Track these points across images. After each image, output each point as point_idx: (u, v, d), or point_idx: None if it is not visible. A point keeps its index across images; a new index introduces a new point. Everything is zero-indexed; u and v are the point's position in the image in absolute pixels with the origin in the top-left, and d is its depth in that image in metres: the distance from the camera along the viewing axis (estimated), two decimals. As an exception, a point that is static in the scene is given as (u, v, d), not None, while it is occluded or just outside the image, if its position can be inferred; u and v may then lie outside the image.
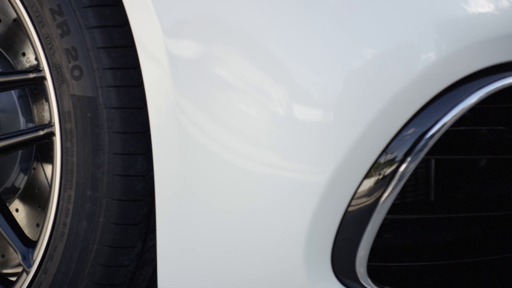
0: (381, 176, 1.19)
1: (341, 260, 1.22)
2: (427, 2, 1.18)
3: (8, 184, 1.65)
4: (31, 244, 1.45)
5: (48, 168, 1.63)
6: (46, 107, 1.61)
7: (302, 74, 1.19)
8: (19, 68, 1.62)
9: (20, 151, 1.62)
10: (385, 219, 1.21)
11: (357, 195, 1.19)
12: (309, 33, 1.19)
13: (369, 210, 1.19)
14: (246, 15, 1.21)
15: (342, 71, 1.18)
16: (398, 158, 1.19)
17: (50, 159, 1.62)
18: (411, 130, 1.19)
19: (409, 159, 1.19)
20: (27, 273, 1.43)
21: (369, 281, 1.24)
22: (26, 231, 1.59)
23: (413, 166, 1.19)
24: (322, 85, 1.19)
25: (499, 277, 1.37)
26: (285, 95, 1.20)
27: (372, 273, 1.25)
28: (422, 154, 1.19)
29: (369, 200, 1.19)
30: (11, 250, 1.69)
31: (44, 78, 1.37)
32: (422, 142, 1.19)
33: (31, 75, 1.40)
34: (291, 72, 1.20)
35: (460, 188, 1.41)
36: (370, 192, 1.19)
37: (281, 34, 1.20)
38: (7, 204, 1.64)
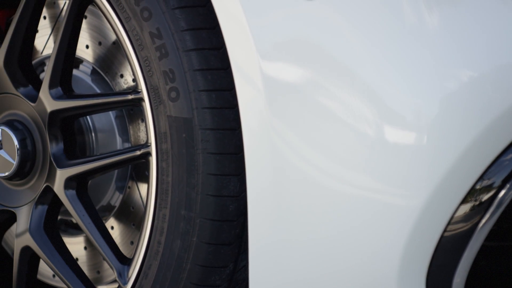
0: (477, 202, 1.17)
1: (436, 287, 1.20)
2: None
3: (104, 202, 1.69)
4: (126, 261, 1.48)
5: (142, 187, 1.66)
6: (142, 128, 1.64)
7: (395, 97, 1.19)
8: (117, 89, 1.66)
9: (116, 170, 1.66)
10: (481, 246, 1.18)
11: (453, 221, 1.17)
12: (404, 56, 1.19)
13: (466, 236, 1.17)
14: (341, 39, 1.21)
15: (438, 94, 1.17)
16: (496, 184, 1.17)
17: (144, 178, 1.65)
18: (510, 156, 1.16)
19: (508, 185, 1.16)
20: (122, 289, 1.47)
21: (465, 308, 1.22)
22: (121, 249, 1.62)
23: (512, 192, 1.17)
24: (415, 108, 1.18)
25: None
26: (377, 117, 1.19)
27: (467, 301, 1.22)
28: (522, 180, 1.16)
29: (466, 226, 1.17)
30: (106, 266, 1.73)
31: (142, 99, 1.41)
32: (522, 168, 1.16)
33: (130, 97, 1.43)
34: (383, 95, 1.19)
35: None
36: (467, 217, 1.17)
37: (375, 57, 1.20)
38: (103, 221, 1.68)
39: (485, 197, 1.17)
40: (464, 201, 1.17)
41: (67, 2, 1.68)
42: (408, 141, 1.18)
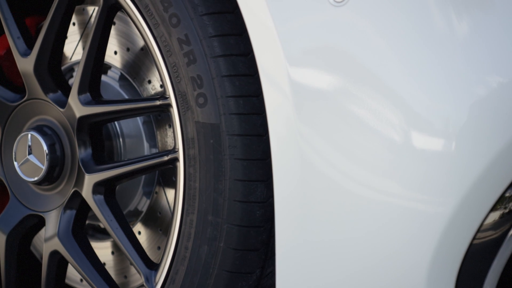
0: (507, 210, 1.16)
1: (465, 294, 1.19)
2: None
3: (131, 207, 1.70)
4: (153, 267, 1.49)
5: (169, 192, 1.67)
6: (169, 133, 1.65)
7: (423, 103, 1.18)
8: (145, 95, 1.67)
9: (143, 175, 1.66)
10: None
11: (482, 228, 1.16)
12: (433, 62, 1.18)
13: (496, 244, 1.16)
14: (369, 45, 1.21)
15: (467, 101, 1.16)
16: (526, 191, 1.16)
17: (172, 184, 1.66)
18: (540, 163, 1.15)
19: (538, 192, 1.15)
20: (149, 294, 1.47)
21: (494, 317, 1.21)
22: (148, 254, 1.63)
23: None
24: (444, 115, 1.17)
25: None
26: (405, 124, 1.19)
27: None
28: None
29: (495, 234, 1.16)
30: (133, 271, 1.74)
31: (170, 105, 1.41)
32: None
33: (158, 102, 1.44)
34: (411, 101, 1.19)
35: None
36: (497, 225, 1.16)
37: (404, 64, 1.19)
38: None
39: (515, 204, 1.16)
40: (493, 208, 1.16)
41: (97, 8, 1.69)
42: (436, 147, 1.18)
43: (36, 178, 1.60)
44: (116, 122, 1.66)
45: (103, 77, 1.70)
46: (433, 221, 1.16)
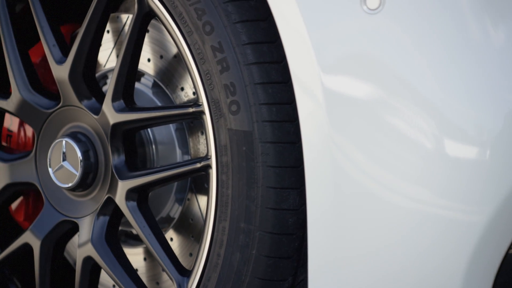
0: (543, 218, 1.15)
1: (501, 305, 1.18)
2: None
3: (163, 213, 1.71)
4: (185, 273, 1.49)
5: (202, 199, 1.67)
6: (202, 140, 1.65)
7: (458, 112, 1.17)
8: (177, 102, 1.68)
9: (175, 182, 1.67)
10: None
11: (518, 237, 1.15)
12: (468, 71, 1.17)
13: (532, 253, 1.15)
14: (403, 53, 1.20)
15: (502, 109, 1.15)
16: None
17: (204, 191, 1.66)
18: None
19: None
20: (181, 301, 1.48)
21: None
22: (180, 260, 1.63)
23: None
24: (478, 123, 1.16)
25: None
26: (439, 132, 1.18)
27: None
28: None
29: (531, 243, 1.15)
30: (165, 278, 1.75)
31: (203, 112, 1.42)
32: None
33: (191, 110, 1.45)
34: (445, 110, 1.18)
35: None
36: (533, 234, 1.15)
37: (438, 72, 1.19)
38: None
39: (552, 213, 1.14)
40: (529, 217, 1.15)
41: (131, 16, 1.71)
42: (471, 155, 1.17)
43: (70, 184, 1.61)
44: (149, 129, 1.67)
45: (137, 84, 1.71)
46: (468, 230, 1.15)
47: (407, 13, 1.20)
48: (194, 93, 1.65)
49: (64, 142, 1.61)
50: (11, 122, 1.86)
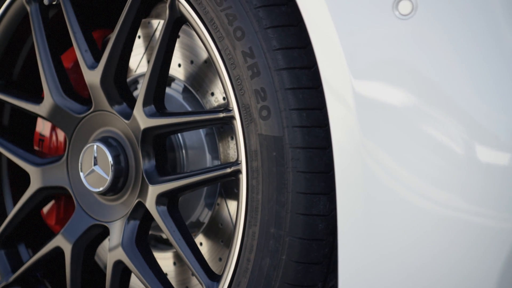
0: None
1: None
2: None
3: (193, 218, 1.71)
4: (215, 278, 1.50)
5: (231, 204, 1.67)
6: (232, 145, 1.66)
7: (489, 117, 1.16)
8: (207, 107, 1.68)
9: (205, 187, 1.68)
10: None
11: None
12: (500, 77, 1.16)
13: None
14: (435, 59, 1.20)
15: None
16: None
17: (233, 196, 1.67)
18: None
19: None
20: (211, 306, 1.48)
21: None
22: (209, 265, 1.63)
23: None
24: (510, 128, 1.15)
25: None
26: (470, 137, 1.17)
27: None
28: None
29: None
30: (194, 282, 1.75)
31: (233, 117, 1.42)
32: None
33: (221, 115, 1.45)
34: (477, 115, 1.17)
35: None
36: None
37: (470, 77, 1.18)
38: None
39: None
40: None
41: (162, 22, 1.72)
42: (503, 162, 1.16)
43: (101, 189, 1.62)
44: (179, 134, 1.68)
45: (167, 89, 1.72)
46: (501, 237, 1.14)
47: (439, 19, 1.19)
48: (224, 98, 1.65)
49: (95, 146, 1.62)
50: (43, 127, 1.88)
